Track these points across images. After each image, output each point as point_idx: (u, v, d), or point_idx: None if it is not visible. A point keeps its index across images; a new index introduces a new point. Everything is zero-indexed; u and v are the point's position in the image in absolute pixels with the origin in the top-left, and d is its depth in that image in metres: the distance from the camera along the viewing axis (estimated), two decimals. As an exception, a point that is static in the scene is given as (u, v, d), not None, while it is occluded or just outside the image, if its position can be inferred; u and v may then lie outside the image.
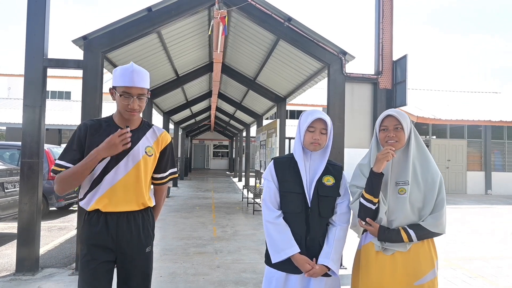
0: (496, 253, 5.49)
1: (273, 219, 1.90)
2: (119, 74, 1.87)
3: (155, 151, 2.00)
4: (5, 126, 18.25)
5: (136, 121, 1.98)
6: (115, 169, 1.87)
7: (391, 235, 1.79)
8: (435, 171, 1.86)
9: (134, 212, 1.92)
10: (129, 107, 1.86)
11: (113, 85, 1.92)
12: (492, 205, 11.26)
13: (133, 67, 1.87)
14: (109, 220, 1.87)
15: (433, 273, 1.81)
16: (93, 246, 1.85)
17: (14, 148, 7.59)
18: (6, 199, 5.55)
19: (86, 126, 1.91)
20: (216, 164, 29.89)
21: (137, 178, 1.91)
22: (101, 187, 1.86)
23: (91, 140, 1.86)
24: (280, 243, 1.86)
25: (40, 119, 4.19)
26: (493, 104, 17.62)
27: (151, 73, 7.75)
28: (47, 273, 4.11)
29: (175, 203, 9.87)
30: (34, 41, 4.20)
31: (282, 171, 1.97)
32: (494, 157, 14.74)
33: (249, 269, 4.43)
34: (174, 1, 4.64)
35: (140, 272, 1.94)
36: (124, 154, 1.88)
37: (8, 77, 30.44)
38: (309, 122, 1.92)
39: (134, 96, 1.86)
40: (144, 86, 1.90)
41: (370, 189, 1.82)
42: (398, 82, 4.89)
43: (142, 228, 1.95)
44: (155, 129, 2.05)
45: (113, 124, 1.94)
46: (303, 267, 1.84)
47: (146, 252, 1.97)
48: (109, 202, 1.86)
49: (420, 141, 1.93)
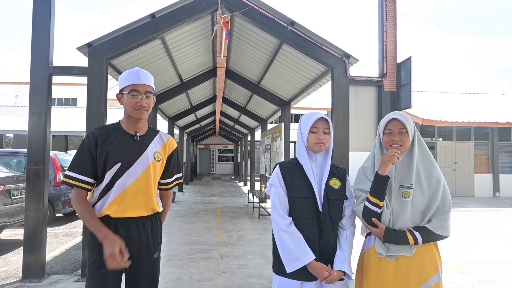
0: (505, 257, 5.40)
1: (286, 226, 1.85)
2: (125, 76, 1.93)
3: (163, 156, 2.02)
4: (13, 133, 18.46)
5: (144, 127, 2.00)
6: (126, 175, 1.87)
7: (397, 237, 1.77)
8: (438, 174, 1.85)
9: (143, 217, 1.93)
10: (138, 104, 1.88)
11: (120, 89, 1.95)
12: (501, 207, 11.11)
13: (138, 68, 1.95)
14: (119, 226, 1.87)
15: (438, 276, 1.79)
16: (102, 252, 1.83)
17: (20, 155, 7.66)
18: (12, 206, 5.58)
19: (95, 136, 1.90)
20: (221, 168, 29.92)
21: (147, 183, 1.92)
22: (112, 193, 1.86)
23: (102, 149, 1.87)
24: (295, 252, 1.81)
25: (46, 126, 4.22)
26: (499, 106, 17.45)
27: (156, 79, 7.78)
28: (53, 279, 4.12)
29: (181, 208, 9.87)
30: (39, 49, 4.24)
31: (289, 176, 1.94)
32: (501, 159, 14.58)
33: (255, 274, 4.40)
34: (178, 7, 4.67)
35: (148, 278, 1.95)
36: (134, 160, 1.90)
37: (15, 85, 30.82)
38: (311, 123, 1.92)
39: (142, 93, 1.89)
40: (151, 84, 1.95)
41: (376, 192, 1.80)
42: (402, 85, 4.87)
43: (151, 234, 1.96)
44: (162, 134, 2.08)
45: (121, 130, 1.95)
46: (321, 275, 1.80)
47: (154, 258, 1.98)
48: (119, 208, 1.87)
49: (424, 144, 1.91)
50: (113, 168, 1.86)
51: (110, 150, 1.87)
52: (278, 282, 1.91)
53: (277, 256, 1.91)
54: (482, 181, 14.31)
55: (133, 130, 1.96)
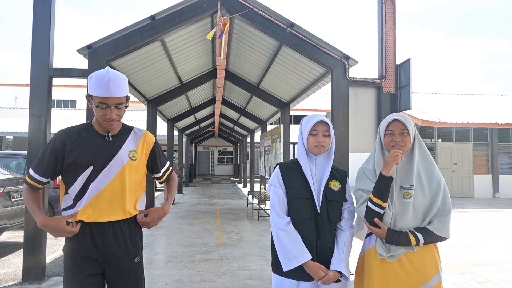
0: (505, 258, 5.41)
1: (283, 225, 1.87)
2: (94, 84, 1.74)
3: (140, 154, 1.92)
4: (12, 135, 18.44)
5: (117, 127, 1.90)
6: (99, 178, 1.79)
7: (399, 238, 1.78)
8: (439, 176, 1.86)
9: (120, 221, 1.84)
10: (107, 117, 1.77)
11: (88, 93, 1.80)
12: (500, 208, 11.12)
13: (109, 75, 1.73)
14: (94, 231, 1.80)
15: (439, 277, 1.79)
16: (78, 258, 1.79)
17: (20, 157, 7.65)
18: (12, 208, 5.57)
19: (63, 138, 1.81)
20: (220, 170, 29.90)
21: (122, 186, 1.83)
22: (85, 198, 1.78)
23: (70, 153, 1.79)
24: (292, 251, 1.83)
25: (46, 127, 4.22)
26: (499, 107, 17.48)
27: (155, 81, 7.84)
28: (53, 281, 4.11)
29: (180, 210, 9.86)
30: (39, 51, 4.25)
31: (289, 176, 1.96)
32: (501, 160, 14.59)
33: (255, 276, 4.40)
34: (177, 9, 4.69)
35: (130, 284, 1.86)
36: (107, 162, 1.81)
37: (15, 87, 30.82)
38: (311, 126, 1.93)
39: (111, 106, 1.75)
40: (122, 95, 1.77)
41: (379, 193, 1.80)
42: (402, 86, 4.88)
43: (130, 238, 1.87)
44: (136, 131, 1.96)
45: (92, 131, 1.86)
46: (317, 274, 1.81)
47: (135, 262, 1.89)
48: (93, 213, 1.78)
49: (423, 145, 1.92)
50: (85, 171, 1.78)
51: (81, 152, 1.79)
52: (276, 281, 1.93)
53: (275, 255, 1.92)
54: (481, 182, 14.32)
55: (105, 131, 1.86)
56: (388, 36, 4.96)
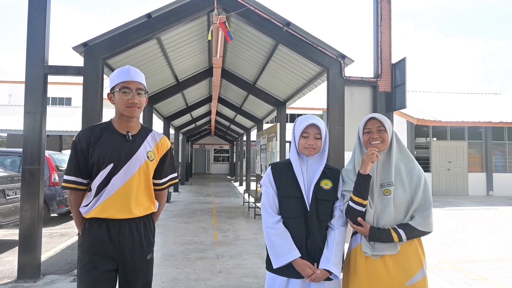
0: (498, 255, 5.47)
1: (273, 224, 1.92)
2: (116, 74, 1.91)
3: (156, 156, 1.99)
4: (6, 133, 18.30)
5: (136, 127, 1.97)
6: (118, 175, 1.85)
7: (382, 235, 1.81)
8: (419, 171, 1.90)
9: (136, 219, 1.90)
10: (130, 101, 1.86)
11: (111, 87, 1.92)
12: (494, 206, 11.22)
13: (129, 66, 1.94)
14: (111, 228, 1.85)
15: (423, 272, 1.83)
16: (95, 255, 1.83)
17: (15, 155, 7.61)
18: (7, 206, 5.55)
19: (87, 136, 1.89)
20: (217, 168, 29.89)
21: (140, 183, 1.90)
22: (103, 194, 1.83)
23: (94, 150, 1.86)
24: (280, 248, 1.87)
25: (41, 125, 4.21)
26: (493, 105, 17.62)
27: (151, 79, 7.81)
28: (48, 280, 4.10)
29: (176, 208, 9.86)
30: (34, 48, 4.22)
31: (279, 176, 2.00)
32: (495, 158, 14.72)
33: (250, 273, 4.42)
34: (174, 7, 4.68)
35: (142, 280, 1.93)
36: (127, 160, 1.86)
37: (9, 84, 30.57)
38: (302, 128, 1.95)
39: (133, 90, 1.88)
40: (142, 82, 1.93)
41: (359, 191, 1.83)
42: (397, 85, 4.91)
43: (144, 235, 1.93)
44: (155, 134, 2.05)
45: (113, 129, 1.93)
46: (305, 272, 1.84)
47: (148, 259, 1.96)
48: (111, 209, 1.84)
49: (402, 143, 1.98)
50: (105, 168, 1.84)
51: (102, 151, 1.84)
52: (268, 278, 1.98)
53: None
54: (476, 180, 14.44)
55: (125, 130, 1.93)
56: (383, 35, 4.98)
